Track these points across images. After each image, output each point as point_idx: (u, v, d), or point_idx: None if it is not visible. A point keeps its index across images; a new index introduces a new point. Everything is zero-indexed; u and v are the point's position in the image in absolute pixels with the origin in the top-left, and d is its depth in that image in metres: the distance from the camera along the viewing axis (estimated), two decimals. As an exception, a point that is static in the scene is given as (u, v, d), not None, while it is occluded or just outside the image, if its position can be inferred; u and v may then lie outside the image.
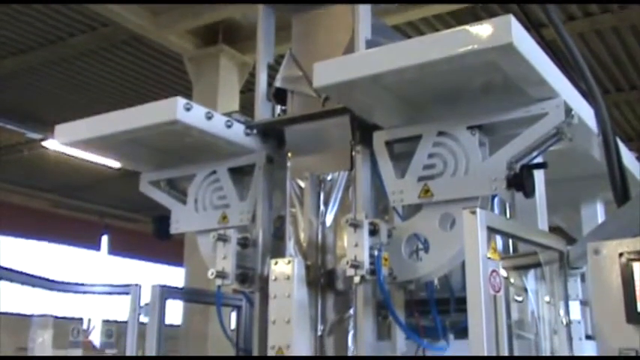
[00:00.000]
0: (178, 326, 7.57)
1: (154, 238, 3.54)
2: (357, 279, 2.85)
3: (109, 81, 11.00)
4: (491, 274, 2.21)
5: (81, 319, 13.19)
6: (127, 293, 3.35)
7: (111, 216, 17.93)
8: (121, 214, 17.71)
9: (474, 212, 2.20)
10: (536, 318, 3.30)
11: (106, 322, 13.80)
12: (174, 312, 6.11)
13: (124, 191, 13.34)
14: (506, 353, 2.47)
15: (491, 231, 2.27)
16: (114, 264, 17.97)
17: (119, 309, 3.83)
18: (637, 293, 1.99)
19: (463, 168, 2.81)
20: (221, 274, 3.11)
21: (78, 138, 3.27)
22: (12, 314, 15.00)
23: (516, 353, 2.66)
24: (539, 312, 3.26)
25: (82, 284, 3.48)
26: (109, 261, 18.05)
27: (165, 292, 3.33)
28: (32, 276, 3.23)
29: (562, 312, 2.96)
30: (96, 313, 15.16)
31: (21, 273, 3.23)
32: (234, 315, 3.85)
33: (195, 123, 3.09)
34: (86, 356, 6.90)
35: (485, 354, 2.14)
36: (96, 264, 17.46)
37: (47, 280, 3.31)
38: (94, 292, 3.52)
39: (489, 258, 2.22)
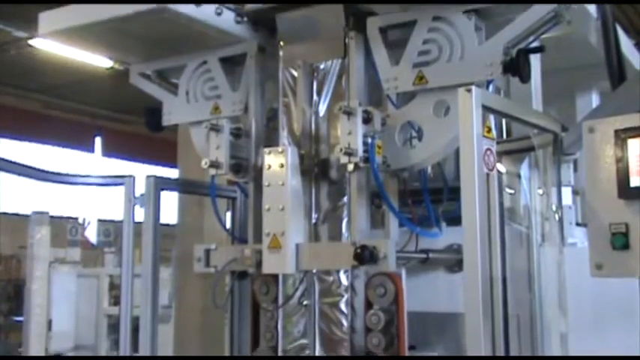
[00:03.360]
0: (174, 225, 7.66)
1: (147, 139, 3.51)
2: (350, 167, 2.85)
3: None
4: (486, 153, 2.20)
5: (77, 218, 13.38)
6: (122, 184, 3.35)
7: (104, 117, 17.82)
8: (114, 115, 17.59)
9: (469, 90, 2.17)
10: (528, 208, 3.35)
11: (101, 221, 14.00)
12: (170, 211, 6.17)
13: (115, 92, 13.18)
14: (497, 239, 2.51)
15: (487, 110, 2.25)
16: (108, 165, 18.02)
17: (114, 208, 3.84)
18: (630, 169, 2.00)
19: (458, 53, 2.77)
20: (215, 164, 3.11)
21: (62, 26, 3.17)
22: (11, 214, 15.20)
23: (508, 240, 2.70)
24: (531, 202, 3.30)
25: (77, 175, 3.47)
26: (103, 163, 18.09)
27: (160, 183, 3.34)
28: (28, 167, 3.21)
29: (554, 198, 3.00)
30: (91, 212, 15.36)
31: (17, 164, 3.21)
32: (229, 215, 3.87)
33: (184, 10, 2.99)
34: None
35: (478, 237, 2.18)
36: (90, 166, 17.49)
37: (43, 171, 3.29)
38: (88, 184, 3.52)
39: (484, 136, 2.21)
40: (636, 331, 2.95)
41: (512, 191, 3.39)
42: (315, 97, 3.19)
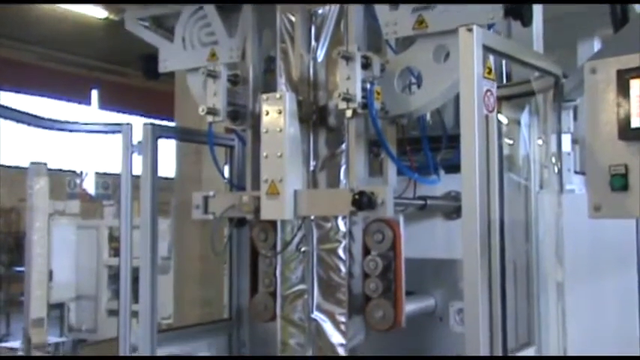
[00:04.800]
0: (172, 179, 7.67)
1: (144, 92, 3.47)
2: (349, 113, 2.83)
3: None
4: (486, 94, 2.18)
5: (75, 171, 13.38)
6: (119, 132, 3.33)
7: (100, 70, 17.65)
8: (111, 67, 17.42)
9: (470, 30, 2.13)
10: (526, 159, 3.34)
11: (99, 174, 14.00)
12: (168, 164, 6.17)
13: (111, 44, 13.05)
14: (496, 182, 2.50)
15: (487, 50, 2.21)
16: (105, 118, 17.93)
17: (112, 161, 3.82)
18: (632, 110, 1.98)
19: (459, -4, 2.71)
20: (212, 111, 3.09)
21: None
22: (9, 167, 15.20)
23: (506, 189, 2.70)
24: (531, 149, 3.29)
25: (75, 123, 3.44)
26: (100, 115, 18.00)
27: (157, 131, 3.31)
28: (25, 113, 3.17)
29: (553, 146, 2.98)
30: (89, 164, 15.35)
31: (14, 110, 3.17)
32: (227, 168, 3.86)
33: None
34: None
35: (477, 179, 2.17)
36: (87, 118, 17.40)
37: (40, 117, 3.26)
38: (86, 131, 3.49)
39: (485, 77, 2.18)
40: (632, 275, 2.99)
41: (511, 141, 3.37)
42: (313, 42, 3.15)
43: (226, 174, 3.77)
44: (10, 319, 12.45)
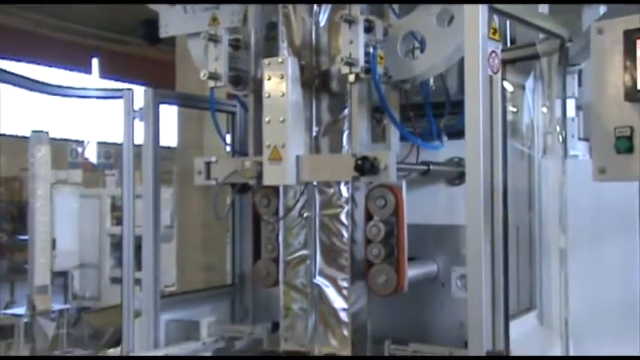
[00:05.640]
0: (174, 148, 7.67)
1: (145, 60, 3.44)
2: (351, 77, 2.81)
3: None
4: (490, 55, 2.16)
5: (76, 140, 13.37)
6: (120, 97, 3.31)
7: (101, 38, 17.50)
8: (111, 36, 17.28)
9: (475, -11, 2.10)
10: (530, 126, 3.32)
11: (101, 143, 14.00)
12: (170, 133, 6.14)
13: (112, 10, 12.92)
14: (499, 148, 2.49)
15: (493, 10, 2.18)
16: (106, 86, 17.85)
17: (114, 131, 3.80)
18: (638, 72, 1.95)
19: (464, -42, 2.66)
20: (213, 76, 3.06)
21: None
22: (12, 136, 15.18)
23: (509, 157, 2.68)
24: (535, 114, 3.27)
25: (76, 88, 3.41)
26: (101, 84, 17.91)
27: (159, 96, 3.29)
28: (26, 78, 3.15)
29: (558, 111, 2.96)
30: (90, 134, 15.31)
31: (15, 74, 3.14)
32: (229, 137, 3.84)
33: None
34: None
35: (481, 143, 2.15)
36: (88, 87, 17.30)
37: (41, 82, 3.23)
38: (87, 97, 3.47)
39: (490, 38, 2.16)
40: (634, 241, 2.99)
41: (514, 109, 3.35)
42: (315, 6, 3.11)
43: (228, 141, 3.76)
44: (15, 286, 12.55)
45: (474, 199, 2.49)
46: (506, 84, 2.82)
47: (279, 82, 2.87)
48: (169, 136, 6.01)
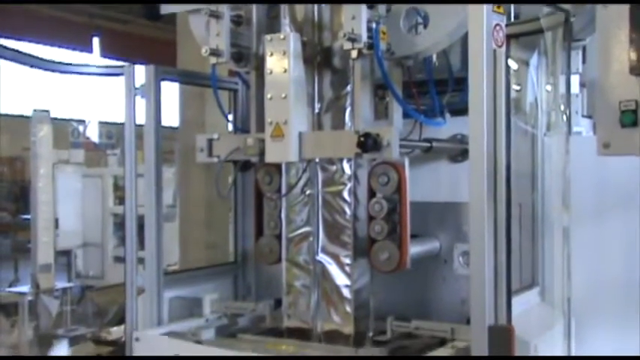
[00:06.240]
0: (176, 128, 7.66)
1: (146, 40, 3.41)
2: (354, 53, 2.79)
3: None
4: (495, 28, 2.14)
5: (78, 120, 13.35)
6: (121, 74, 3.29)
7: (102, 17, 17.43)
8: (112, 14, 17.20)
9: (479, -39, 2.07)
10: (534, 103, 3.30)
11: (103, 123, 13.98)
12: (172, 112, 6.13)
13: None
14: (503, 124, 2.47)
15: (497, -17, 2.16)
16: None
17: (116, 111, 3.78)
18: (644, 42, 1.94)
19: None
20: (215, 52, 3.04)
21: None
22: (14, 116, 15.17)
23: (513, 132, 2.66)
24: (539, 90, 3.25)
25: (77, 64, 3.39)
26: (103, 63, 17.85)
27: (160, 73, 3.27)
28: (27, 54, 3.13)
29: (562, 87, 2.94)
30: (92, 113, 15.29)
31: (16, 50, 3.13)
32: (231, 116, 3.82)
33: None
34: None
35: (485, 118, 2.14)
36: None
37: (42, 59, 3.22)
38: (88, 73, 3.45)
39: (494, 11, 2.13)
40: (637, 217, 2.98)
41: (518, 87, 3.33)
42: (317, -18, 3.08)
43: (230, 119, 3.74)
44: (19, 265, 12.62)
45: (477, 176, 2.48)
46: (510, 62, 2.80)
47: (281, 59, 2.86)
48: (171, 116, 6.01)
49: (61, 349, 7.34)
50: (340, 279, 3.01)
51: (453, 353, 2.69)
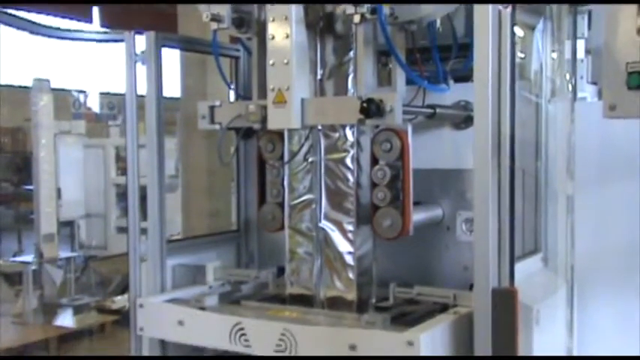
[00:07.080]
0: (178, 99, 7.64)
1: (147, 11, 3.36)
2: (357, 18, 2.74)
3: None
4: (500, -11, 2.10)
5: (79, 90, 13.29)
6: (121, 40, 3.25)
7: (101, -14, 17.24)
8: (112, -16, 17.02)
9: None
10: (538, 71, 3.26)
11: (104, 94, 13.93)
12: (173, 83, 6.09)
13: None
14: (507, 89, 2.45)
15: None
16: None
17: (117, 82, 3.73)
18: (656, 3, 1.91)
19: None
20: (216, 17, 3.00)
21: None
22: (15, 87, 15.13)
23: (517, 99, 2.63)
24: (544, 55, 3.21)
25: (77, 30, 3.35)
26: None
27: (161, 39, 3.23)
28: (27, 20, 3.09)
29: (567, 52, 2.91)
30: (93, 84, 15.22)
31: (16, 16, 3.09)
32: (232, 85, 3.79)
33: None
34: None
35: (490, 81, 2.11)
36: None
37: (42, 25, 3.18)
38: (88, 40, 3.42)
39: (500, -28, 2.10)
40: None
41: (522, 55, 3.29)
42: (319, -54, 3.03)
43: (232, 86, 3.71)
44: (22, 236, 12.68)
45: (481, 143, 2.47)
46: (515, 29, 2.77)
47: (283, 24, 2.82)
48: (172, 87, 5.98)
49: (66, 317, 7.40)
50: (343, 246, 3.01)
51: (456, 318, 2.69)
